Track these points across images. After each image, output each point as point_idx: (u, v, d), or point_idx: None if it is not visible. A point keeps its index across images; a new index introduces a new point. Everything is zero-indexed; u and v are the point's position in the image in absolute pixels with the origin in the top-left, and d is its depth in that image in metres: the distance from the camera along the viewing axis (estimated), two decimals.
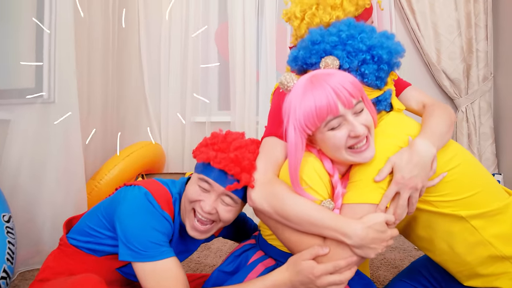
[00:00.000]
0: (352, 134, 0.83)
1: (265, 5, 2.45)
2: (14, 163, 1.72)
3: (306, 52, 0.95)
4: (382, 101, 0.97)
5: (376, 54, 0.90)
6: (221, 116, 2.58)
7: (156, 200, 0.98)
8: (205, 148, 1.00)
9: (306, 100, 0.82)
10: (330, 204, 0.87)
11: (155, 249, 0.94)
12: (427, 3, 2.41)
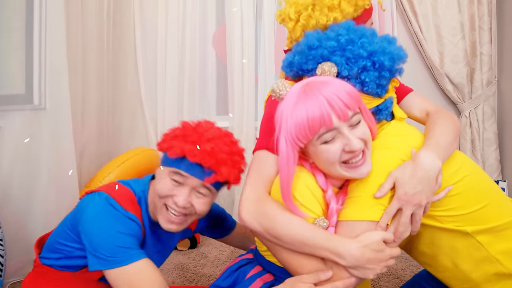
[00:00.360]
0: (347, 149, 0.79)
1: (264, 8, 2.43)
2: (5, 171, 1.70)
3: (302, 58, 0.91)
4: (383, 110, 0.93)
5: (377, 60, 0.86)
6: (219, 121, 2.54)
7: (118, 203, 0.96)
8: (177, 141, 0.98)
9: (298, 111, 0.78)
10: (324, 222, 0.84)
11: (123, 253, 0.91)
12: (430, 5, 2.39)
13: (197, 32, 2.46)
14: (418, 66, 2.51)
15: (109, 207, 0.95)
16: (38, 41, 1.78)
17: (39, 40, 1.79)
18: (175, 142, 0.98)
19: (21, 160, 1.72)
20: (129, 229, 0.95)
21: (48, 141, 1.75)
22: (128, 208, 0.98)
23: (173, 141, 0.99)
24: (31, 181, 1.73)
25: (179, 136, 0.99)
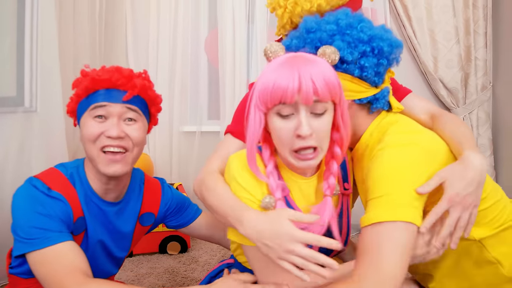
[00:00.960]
0: (297, 132, 0.76)
1: (256, 13, 2.49)
2: None
3: (299, 42, 0.90)
4: (380, 99, 0.92)
5: (376, 46, 0.86)
6: (210, 125, 2.61)
7: (43, 182, 0.94)
8: (80, 83, 0.98)
9: (270, 76, 0.76)
10: (271, 199, 0.83)
11: (40, 234, 0.88)
12: (424, 10, 2.45)
13: (189, 36, 2.54)
14: (411, 71, 2.56)
15: (31, 188, 0.93)
16: (30, 43, 1.85)
17: (30, 42, 1.85)
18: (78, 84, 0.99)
19: (12, 162, 1.77)
20: (50, 209, 0.91)
21: (39, 143, 1.80)
22: (55, 187, 0.94)
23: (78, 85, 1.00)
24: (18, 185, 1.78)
25: (81, 79, 1.00)
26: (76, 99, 1.00)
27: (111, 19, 2.40)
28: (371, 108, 0.94)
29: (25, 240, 0.89)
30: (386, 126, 0.91)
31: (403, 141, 0.83)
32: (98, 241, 1.05)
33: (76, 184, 0.99)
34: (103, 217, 1.05)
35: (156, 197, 1.18)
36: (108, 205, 1.05)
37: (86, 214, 1.00)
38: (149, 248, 2.10)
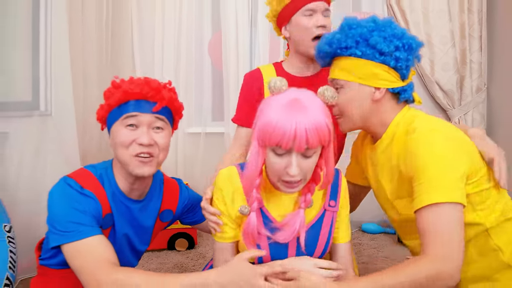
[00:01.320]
0: (286, 170, 0.89)
1: (258, 16, 2.61)
2: (13, 174, 1.88)
3: (342, 36, 1.05)
4: (408, 90, 1.07)
5: (406, 42, 1.03)
6: (214, 127, 2.74)
7: (76, 181, 1.04)
8: (112, 94, 1.08)
9: (272, 119, 0.87)
10: (246, 208, 0.99)
11: (75, 228, 0.98)
12: (421, 14, 2.57)
13: (193, 40, 2.66)
14: None
15: (66, 187, 1.04)
16: (44, 51, 1.99)
17: (44, 50, 1.99)
18: (112, 95, 1.08)
19: (28, 163, 1.90)
20: (84, 206, 1.02)
21: (54, 145, 1.93)
22: (87, 186, 1.05)
23: (110, 96, 1.08)
24: (38, 184, 1.91)
25: (112, 90, 1.09)
26: (107, 108, 1.10)
27: (117, 25, 2.52)
28: (400, 98, 1.08)
29: (61, 232, 0.99)
30: (411, 118, 1.05)
31: (438, 128, 0.98)
32: (124, 235, 1.17)
33: (104, 183, 1.11)
34: (128, 213, 1.16)
35: (175, 196, 1.31)
36: (132, 203, 1.16)
37: (113, 210, 1.12)
38: (158, 245, 2.24)
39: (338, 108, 1.11)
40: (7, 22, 1.96)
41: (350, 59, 1.07)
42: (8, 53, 1.96)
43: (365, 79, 1.06)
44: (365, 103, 1.08)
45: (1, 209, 1.72)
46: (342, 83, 1.08)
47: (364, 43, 1.03)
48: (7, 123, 1.92)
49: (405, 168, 1.00)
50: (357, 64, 1.06)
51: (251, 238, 0.99)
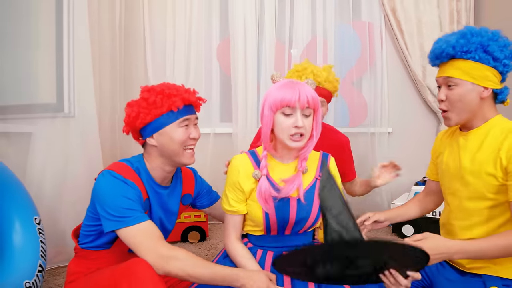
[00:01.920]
0: (295, 124, 1.21)
1: (265, 24, 2.84)
2: (38, 171, 2.04)
3: (465, 41, 1.25)
4: (505, 92, 1.32)
5: (510, 54, 1.28)
6: (223, 127, 2.95)
7: (119, 173, 1.27)
8: (169, 99, 1.30)
9: (280, 91, 1.22)
10: (258, 173, 1.28)
11: (129, 214, 1.21)
12: (415, 25, 2.84)
13: (202, 46, 2.88)
14: (403, 78, 2.97)
15: (112, 178, 1.26)
16: (67, 57, 2.17)
17: (67, 56, 2.17)
18: (166, 100, 1.30)
19: (52, 162, 2.06)
20: (130, 193, 1.24)
21: (77, 145, 2.10)
22: (127, 176, 1.28)
23: (164, 101, 1.30)
24: (62, 182, 2.08)
25: (164, 96, 1.31)
26: (157, 114, 1.31)
27: (130, 30, 2.71)
28: (498, 97, 1.32)
29: (118, 218, 1.21)
30: (506, 123, 1.31)
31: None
32: (158, 218, 1.39)
33: (141, 174, 1.34)
34: (159, 198, 1.40)
35: (191, 181, 1.55)
36: (163, 189, 1.40)
37: (150, 196, 1.35)
38: (172, 238, 2.43)
39: (448, 103, 1.33)
40: (31, 27, 2.13)
41: (468, 62, 1.27)
42: (33, 57, 2.14)
43: (478, 80, 1.28)
44: (475, 99, 1.29)
45: (31, 204, 1.87)
46: (457, 81, 1.29)
47: (481, 49, 1.26)
48: (32, 124, 2.08)
49: (508, 159, 1.24)
50: (473, 67, 1.27)
51: (263, 196, 1.27)
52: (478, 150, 1.32)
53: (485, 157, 1.29)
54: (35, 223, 1.81)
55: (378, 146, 2.90)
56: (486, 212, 1.32)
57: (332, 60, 2.89)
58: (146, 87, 1.37)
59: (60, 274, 1.98)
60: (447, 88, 1.32)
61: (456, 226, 1.40)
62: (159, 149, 1.33)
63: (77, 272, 1.36)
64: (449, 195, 1.45)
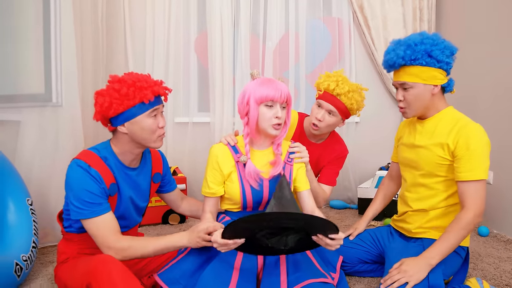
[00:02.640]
0: (276, 115, 1.49)
1: (241, 18, 3.09)
2: (28, 157, 2.25)
3: (411, 52, 1.56)
4: (450, 84, 1.64)
5: (452, 51, 1.58)
6: (201, 117, 3.20)
7: (85, 162, 1.43)
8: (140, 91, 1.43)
9: (264, 87, 1.48)
10: (245, 157, 1.55)
11: (89, 207, 1.40)
12: (381, 21, 3.14)
13: (180, 39, 3.11)
14: (370, 71, 3.28)
15: (78, 169, 1.41)
16: (54, 50, 2.37)
17: (54, 50, 2.37)
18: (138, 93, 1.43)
19: (41, 148, 2.27)
20: (92, 187, 1.41)
21: (64, 132, 2.32)
22: (93, 165, 1.43)
23: (122, 97, 1.42)
24: (50, 166, 2.29)
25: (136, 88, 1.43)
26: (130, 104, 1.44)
27: (111, 24, 2.92)
28: (446, 89, 1.65)
29: (79, 210, 1.41)
30: (458, 114, 1.64)
31: (479, 126, 1.57)
32: (128, 198, 1.58)
33: (108, 160, 1.51)
34: (129, 179, 1.58)
35: (159, 162, 1.76)
36: (132, 170, 1.59)
37: (118, 180, 1.53)
38: (154, 220, 2.69)
39: (406, 102, 1.64)
40: (20, 22, 2.32)
41: (417, 67, 1.57)
42: (21, 50, 2.33)
43: (427, 80, 1.58)
44: (427, 96, 1.61)
45: (23, 186, 2.09)
46: (411, 84, 1.60)
47: (426, 55, 1.55)
48: (19, 113, 2.28)
49: (456, 148, 1.55)
50: (422, 70, 1.57)
51: (253, 176, 1.56)
52: (431, 136, 1.64)
53: (436, 142, 1.61)
54: (27, 204, 2.03)
55: (346, 134, 3.20)
56: (435, 187, 1.66)
57: (303, 54, 3.17)
58: (116, 77, 1.49)
59: (50, 253, 2.20)
60: (403, 90, 1.63)
61: (410, 198, 1.75)
62: (129, 136, 1.50)
63: (65, 252, 1.58)
64: (406, 172, 1.79)
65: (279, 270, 1.48)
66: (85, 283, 1.34)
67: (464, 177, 1.52)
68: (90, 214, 1.41)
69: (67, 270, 1.51)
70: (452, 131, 1.57)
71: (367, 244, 1.87)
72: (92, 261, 1.37)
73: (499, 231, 2.52)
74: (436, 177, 1.64)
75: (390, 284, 1.47)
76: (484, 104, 2.66)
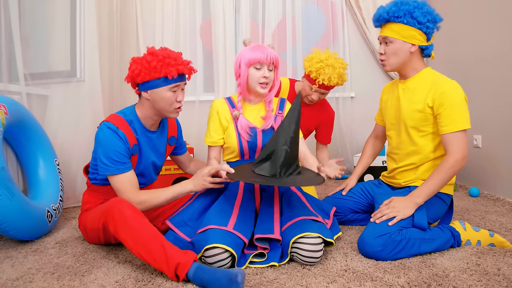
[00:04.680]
0: (263, 75, 1.78)
1: (241, 5, 3.50)
2: (54, 127, 2.65)
3: (396, 9, 1.76)
4: (430, 48, 1.83)
5: (434, 17, 1.77)
6: (206, 96, 3.59)
7: (113, 124, 1.68)
8: (166, 67, 1.65)
9: (253, 52, 1.77)
10: (238, 113, 1.84)
11: (115, 165, 1.66)
12: (371, 3, 3.53)
13: (187, 26, 3.57)
14: (363, 49, 3.69)
15: (107, 130, 1.66)
16: (79, 33, 2.83)
17: (79, 32, 2.83)
18: (164, 68, 1.65)
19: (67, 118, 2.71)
20: (119, 147, 1.66)
21: (86, 103, 2.75)
22: (120, 127, 1.69)
23: (163, 68, 1.64)
24: (73, 134, 2.70)
25: (164, 64, 1.65)
26: (155, 76, 1.68)
27: (124, 12, 3.40)
28: (425, 52, 1.85)
29: (106, 166, 1.68)
30: (436, 74, 1.83)
31: (455, 82, 1.77)
32: (148, 157, 1.88)
33: (133, 122, 1.79)
34: (149, 141, 1.88)
35: (174, 126, 2.08)
36: (152, 133, 1.88)
37: (140, 141, 1.81)
38: (165, 186, 3.02)
39: (386, 55, 1.87)
40: (49, 7, 2.78)
41: (399, 25, 1.79)
42: (51, 33, 2.80)
43: (407, 38, 1.79)
44: (405, 53, 1.82)
45: (52, 148, 2.47)
46: (392, 40, 1.82)
47: (408, 15, 1.75)
48: (48, 88, 2.70)
49: (434, 104, 1.75)
50: (403, 28, 1.78)
51: (244, 129, 1.85)
52: (413, 94, 1.87)
53: (417, 99, 1.84)
54: (55, 164, 2.41)
55: (342, 108, 3.57)
56: (421, 142, 1.86)
57: (300, 36, 3.59)
58: (152, 49, 1.73)
59: (72, 212, 2.58)
60: (385, 44, 1.86)
61: (398, 154, 1.98)
62: (151, 102, 1.77)
63: (89, 201, 1.89)
64: (392, 131, 2.01)
65: (273, 209, 1.76)
66: (101, 222, 1.62)
67: (445, 130, 1.73)
68: (115, 171, 1.69)
69: (89, 215, 1.80)
70: (431, 89, 1.77)
71: (357, 196, 2.12)
72: (106, 204, 1.62)
73: (489, 191, 2.75)
74: (420, 132, 1.84)
75: (379, 217, 1.70)
76: (472, 69, 2.96)
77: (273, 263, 1.54)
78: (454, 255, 1.62)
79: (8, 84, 2.37)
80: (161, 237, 1.44)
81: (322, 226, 1.64)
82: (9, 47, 2.41)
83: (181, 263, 1.37)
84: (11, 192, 1.73)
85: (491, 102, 2.71)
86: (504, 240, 1.70)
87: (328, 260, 1.59)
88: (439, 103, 1.74)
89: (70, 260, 1.63)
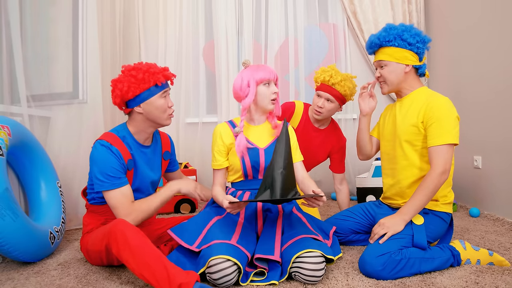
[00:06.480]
0: (273, 91, 1.90)
1: (244, 27, 3.64)
2: (56, 149, 2.73)
3: (386, 34, 1.92)
4: (423, 68, 1.97)
5: (422, 38, 1.92)
6: (209, 118, 3.68)
7: (107, 141, 1.76)
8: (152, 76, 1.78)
9: (261, 71, 1.88)
10: (238, 130, 1.89)
11: (110, 180, 1.73)
12: (373, 25, 3.66)
13: (190, 47, 3.69)
14: (365, 71, 3.81)
15: (101, 148, 1.74)
16: (81, 54, 2.94)
17: (82, 54, 2.94)
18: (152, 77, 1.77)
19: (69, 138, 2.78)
20: (114, 163, 1.74)
21: (88, 125, 2.82)
22: (114, 144, 1.77)
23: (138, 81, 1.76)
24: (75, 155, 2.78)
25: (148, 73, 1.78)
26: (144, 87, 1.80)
27: (127, 35, 3.54)
28: (419, 71, 1.99)
29: (102, 182, 1.75)
30: (430, 92, 1.93)
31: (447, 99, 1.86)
32: (143, 171, 1.94)
33: (126, 138, 1.87)
34: (144, 155, 1.96)
35: (168, 142, 2.16)
36: (146, 148, 1.96)
37: (134, 156, 1.89)
38: (167, 209, 3.12)
39: (382, 78, 2.00)
40: (51, 28, 2.89)
41: (391, 48, 1.93)
42: (53, 55, 2.89)
43: (400, 59, 1.93)
44: (400, 74, 1.95)
45: (54, 171, 2.55)
46: (386, 63, 1.96)
47: (399, 38, 1.91)
48: (50, 110, 2.79)
49: (425, 118, 1.84)
50: (395, 51, 1.93)
51: (240, 148, 1.89)
52: (408, 109, 1.97)
53: (411, 114, 1.93)
54: (57, 186, 2.48)
55: (344, 130, 3.66)
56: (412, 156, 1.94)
57: (302, 58, 3.70)
58: (129, 66, 1.84)
59: (74, 233, 2.64)
60: (380, 68, 1.99)
61: (393, 169, 2.07)
62: (144, 115, 1.87)
63: (90, 223, 1.94)
64: (387, 147, 2.11)
65: (275, 230, 1.82)
66: (103, 244, 1.67)
67: (432, 143, 1.81)
68: (110, 186, 1.76)
69: (90, 238, 1.84)
70: (423, 104, 1.88)
71: (358, 216, 2.18)
72: (108, 225, 1.67)
73: (489, 211, 2.80)
74: (414, 146, 1.91)
75: (372, 237, 1.80)
76: (472, 94, 3.05)
77: (273, 281, 1.58)
78: (453, 273, 1.66)
79: (10, 106, 2.45)
80: (164, 258, 1.48)
81: (322, 243, 1.70)
82: (11, 69, 2.49)
83: (183, 284, 1.40)
84: (15, 213, 1.78)
85: (492, 123, 2.78)
86: (503, 259, 1.75)
87: (329, 279, 1.63)
88: (428, 117, 1.83)
89: (72, 281, 1.67)
